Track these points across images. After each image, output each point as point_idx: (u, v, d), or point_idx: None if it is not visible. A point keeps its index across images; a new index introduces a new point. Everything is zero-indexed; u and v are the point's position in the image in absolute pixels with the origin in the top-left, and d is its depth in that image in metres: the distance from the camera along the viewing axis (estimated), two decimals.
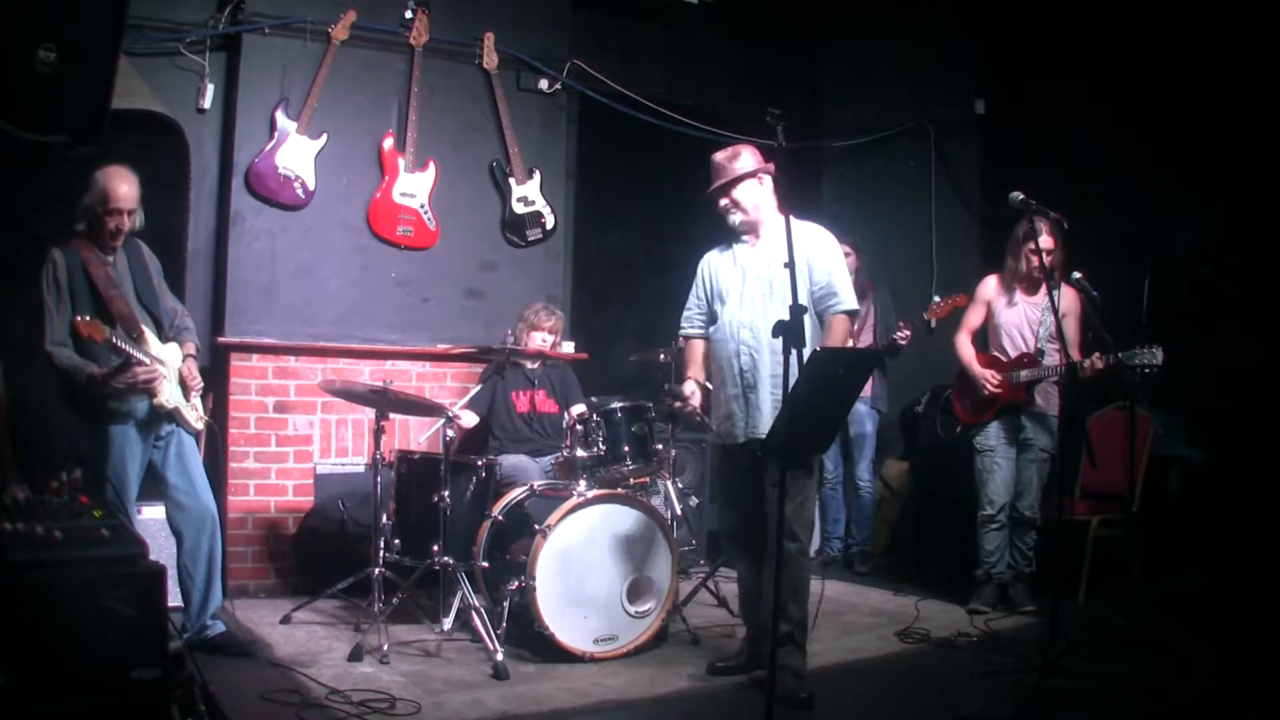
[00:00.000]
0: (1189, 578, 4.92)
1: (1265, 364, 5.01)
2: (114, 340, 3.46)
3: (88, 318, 3.43)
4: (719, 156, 3.72)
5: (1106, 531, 4.91)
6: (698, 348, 3.92)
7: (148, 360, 3.58)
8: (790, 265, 3.15)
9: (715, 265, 3.87)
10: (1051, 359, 4.63)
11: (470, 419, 4.95)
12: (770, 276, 3.66)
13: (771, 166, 3.70)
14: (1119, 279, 4.43)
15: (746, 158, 3.69)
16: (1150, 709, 3.43)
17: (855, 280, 5.79)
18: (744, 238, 3.76)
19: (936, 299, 5.51)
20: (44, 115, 2.31)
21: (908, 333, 5.53)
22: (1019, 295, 4.83)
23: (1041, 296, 4.71)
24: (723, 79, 6.66)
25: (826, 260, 3.68)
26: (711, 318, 3.84)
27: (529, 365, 5.05)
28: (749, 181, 3.67)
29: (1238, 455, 5.17)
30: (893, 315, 5.82)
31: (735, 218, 3.71)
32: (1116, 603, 4.41)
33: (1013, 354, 4.79)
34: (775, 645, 2.93)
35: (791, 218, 3.36)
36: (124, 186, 3.63)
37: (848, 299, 3.68)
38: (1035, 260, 4.63)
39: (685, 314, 3.95)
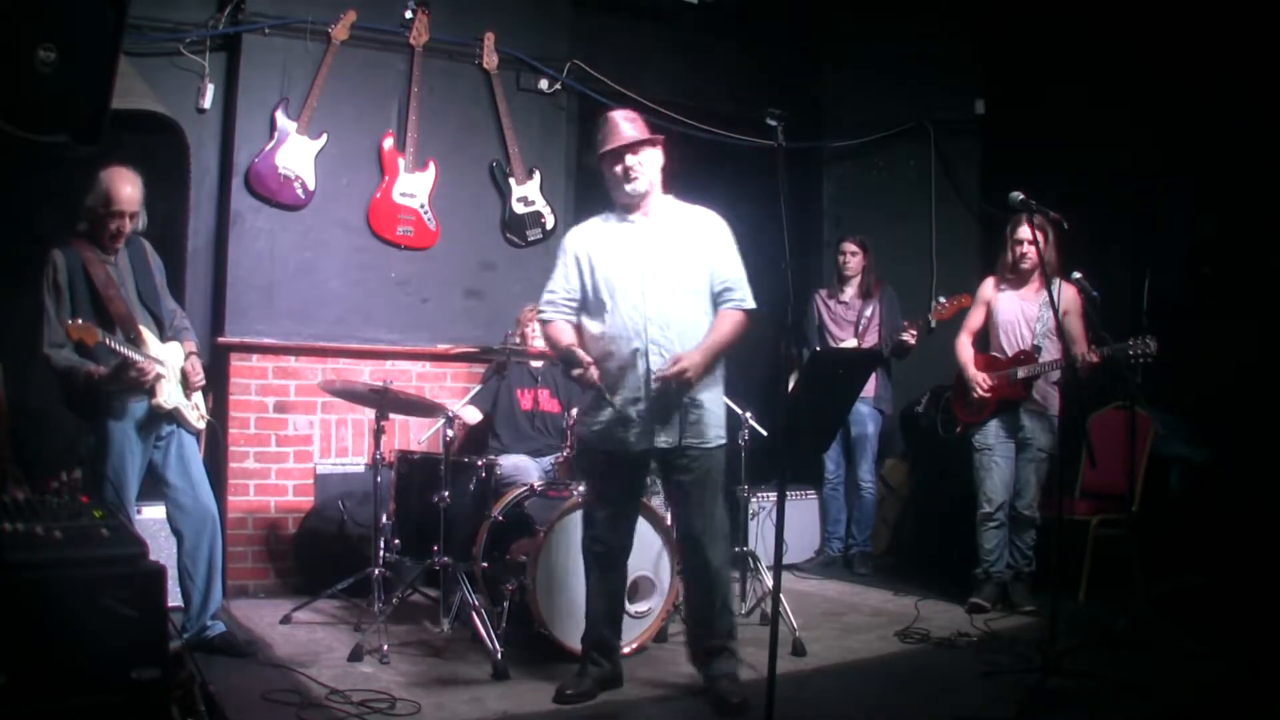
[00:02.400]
0: (1189, 578, 4.93)
1: (1265, 363, 5.02)
2: (106, 342, 3.45)
3: (79, 321, 3.41)
4: (619, 116, 3.49)
5: (1106, 531, 4.92)
6: (568, 329, 3.53)
7: (141, 359, 3.58)
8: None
9: (596, 248, 3.51)
10: (1049, 355, 4.64)
11: (473, 415, 4.95)
12: (672, 263, 3.44)
13: (662, 136, 3.56)
14: (1119, 279, 4.43)
15: (641, 122, 3.50)
16: (1150, 709, 3.43)
17: (862, 280, 5.86)
18: (629, 216, 3.50)
19: (941, 299, 5.51)
20: (44, 115, 2.31)
21: (914, 332, 5.53)
22: (1014, 291, 4.83)
23: (1039, 293, 4.72)
24: (723, 79, 6.65)
25: (730, 253, 3.51)
26: (586, 308, 3.53)
27: (533, 364, 5.05)
28: (654, 149, 3.48)
29: (1237, 455, 5.17)
30: (899, 316, 5.81)
31: (635, 185, 3.43)
32: (1116, 603, 4.41)
33: (1010, 351, 4.79)
34: (774, 645, 2.92)
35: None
36: (127, 188, 3.62)
37: (749, 297, 3.50)
38: (1020, 250, 4.66)
39: (548, 297, 3.56)
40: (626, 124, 3.48)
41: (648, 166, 3.47)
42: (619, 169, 3.46)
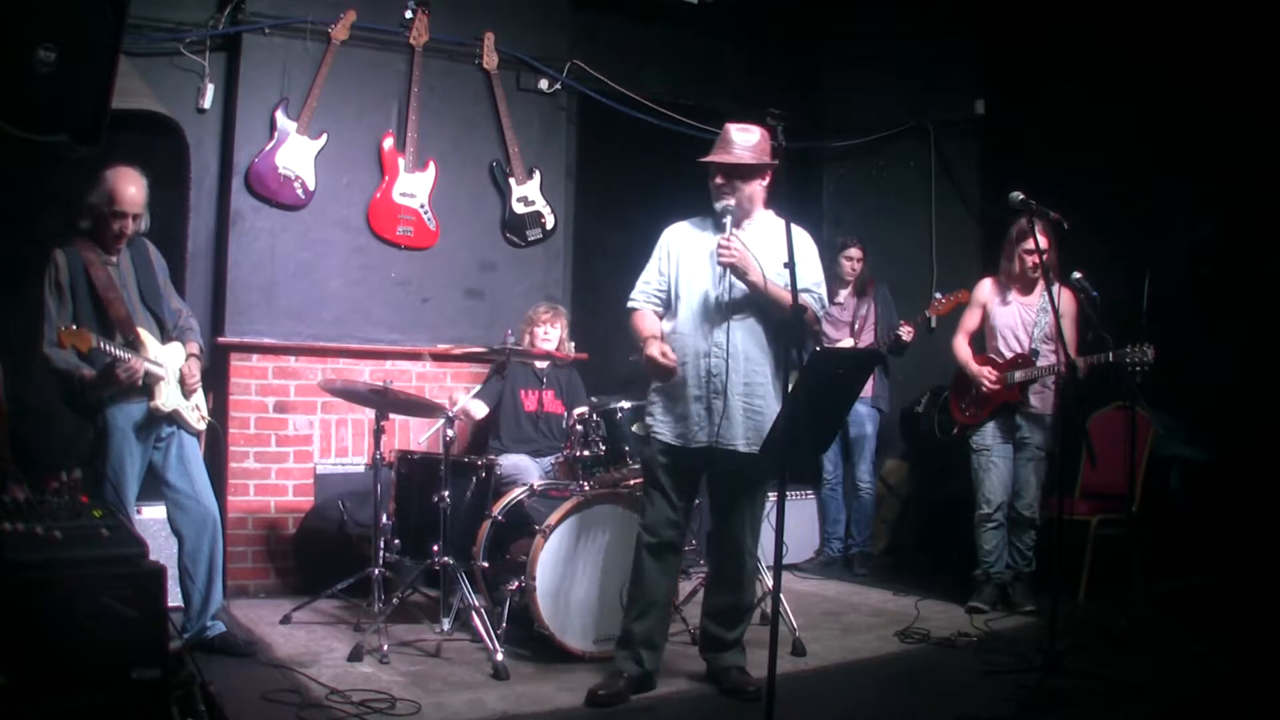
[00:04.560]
0: (1189, 578, 4.92)
1: (1265, 364, 5.01)
2: (100, 346, 3.44)
3: (73, 327, 3.39)
4: (734, 129, 3.49)
5: (1106, 531, 4.92)
6: (654, 318, 3.60)
7: (130, 357, 3.56)
8: (790, 265, 3.03)
9: (685, 245, 3.59)
10: (1046, 360, 4.64)
11: (479, 409, 4.94)
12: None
13: (775, 162, 3.51)
14: (1119, 279, 4.43)
15: (761, 144, 3.47)
16: (1150, 709, 3.43)
17: (857, 279, 5.87)
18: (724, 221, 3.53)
19: (938, 295, 5.51)
20: (44, 115, 2.31)
21: (910, 329, 5.53)
22: (1014, 296, 4.83)
23: (1037, 297, 4.73)
24: (723, 79, 6.65)
25: (813, 265, 3.63)
26: (666, 302, 3.61)
27: (538, 365, 5.05)
28: (759, 178, 3.51)
29: (1237, 455, 5.16)
30: (894, 313, 5.83)
31: (727, 204, 3.46)
32: (1116, 603, 4.41)
33: (1008, 355, 4.79)
34: (774, 645, 2.92)
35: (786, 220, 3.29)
36: (130, 189, 3.61)
37: (822, 302, 3.65)
38: (1030, 260, 4.65)
39: (642, 286, 3.64)
40: (736, 139, 3.48)
41: (745, 191, 3.48)
42: (711, 182, 3.52)
